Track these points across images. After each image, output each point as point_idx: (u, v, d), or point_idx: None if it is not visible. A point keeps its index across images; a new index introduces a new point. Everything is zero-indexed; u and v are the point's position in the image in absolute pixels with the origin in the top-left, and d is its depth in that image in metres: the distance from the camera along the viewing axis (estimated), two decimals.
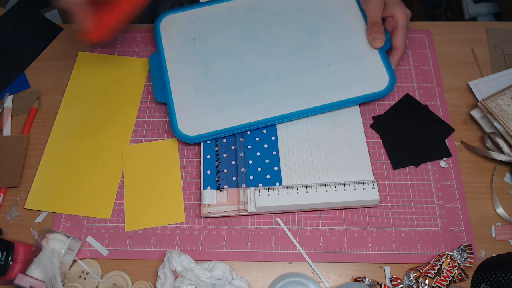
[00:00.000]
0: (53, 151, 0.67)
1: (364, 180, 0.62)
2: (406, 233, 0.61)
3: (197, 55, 0.69)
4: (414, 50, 0.75)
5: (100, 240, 0.62)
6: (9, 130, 0.70)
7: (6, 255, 0.55)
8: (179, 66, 0.68)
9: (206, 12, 0.73)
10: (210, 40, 0.70)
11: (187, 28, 0.72)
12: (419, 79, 0.72)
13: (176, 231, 0.62)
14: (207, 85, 0.67)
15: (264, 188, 0.61)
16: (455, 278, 0.57)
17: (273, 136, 0.65)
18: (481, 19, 1.25)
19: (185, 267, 0.56)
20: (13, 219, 0.63)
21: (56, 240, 0.57)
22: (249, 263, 0.60)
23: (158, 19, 0.72)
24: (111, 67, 0.74)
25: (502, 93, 0.66)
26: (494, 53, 0.75)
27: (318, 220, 0.62)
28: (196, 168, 0.66)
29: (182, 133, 0.64)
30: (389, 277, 0.59)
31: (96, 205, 0.64)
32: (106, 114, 0.70)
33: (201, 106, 0.65)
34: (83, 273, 0.59)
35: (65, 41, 0.77)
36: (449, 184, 0.65)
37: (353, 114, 0.67)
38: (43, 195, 0.64)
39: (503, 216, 0.63)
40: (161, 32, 0.71)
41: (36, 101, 0.72)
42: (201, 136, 0.64)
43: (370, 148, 0.67)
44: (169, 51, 0.70)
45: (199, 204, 0.63)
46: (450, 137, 0.68)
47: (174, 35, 0.71)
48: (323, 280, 0.59)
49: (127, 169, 0.66)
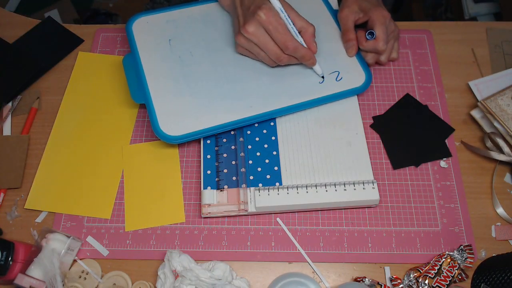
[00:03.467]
0: (53, 151, 0.67)
1: (364, 180, 0.62)
2: (406, 233, 0.62)
3: (174, 55, 0.69)
4: (414, 50, 0.75)
5: (100, 240, 0.62)
6: (9, 130, 0.70)
7: (6, 255, 0.55)
8: (156, 67, 0.68)
9: (180, 15, 0.72)
10: (187, 41, 0.70)
11: (161, 29, 0.71)
12: (419, 79, 0.72)
13: (176, 231, 0.62)
14: (187, 85, 0.66)
15: (264, 188, 0.61)
16: (455, 278, 0.57)
17: (273, 136, 0.65)
18: (481, 19, 1.25)
19: (185, 267, 0.56)
20: (13, 219, 0.63)
21: (56, 240, 0.57)
22: (249, 263, 0.60)
23: (130, 21, 0.72)
24: (111, 67, 0.74)
25: (502, 93, 0.66)
26: (494, 53, 0.75)
27: (318, 220, 0.62)
28: (196, 168, 0.66)
29: (164, 134, 0.62)
30: (389, 277, 0.59)
31: (96, 205, 0.64)
32: (106, 114, 0.70)
33: (182, 105, 0.65)
34: (83, 273, 0.59)
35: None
36: (449, 184, 0.65)
37: (353, 114, 0.67)
38: (43, 195, 0.64)
39: (503, 216, 0.63)
40: (134, 34, 0.70)
41: (36, 101, 0.72)
42: (184, 136, 0.62)
43: (370, 148, 0.67)
44: (144, 52, 0.69)
45: (199, 204, 0.63)
46: (450, 137, 0.68)
47: (148, 37, 0.70)
48: (323, 280, 0.59)
49: (127, 169, 0.66)
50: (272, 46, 0.63)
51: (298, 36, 0.64)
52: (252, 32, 0.62)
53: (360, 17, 0.69)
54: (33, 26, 0.79)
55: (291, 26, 0.63)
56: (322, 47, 0.70)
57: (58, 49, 0.77)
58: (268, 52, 0.64)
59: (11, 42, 0.77)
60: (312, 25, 0.65)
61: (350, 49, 0.69)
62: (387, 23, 0.67)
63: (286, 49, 0.63)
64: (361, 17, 0.69)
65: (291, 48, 0.62)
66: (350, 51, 0.69)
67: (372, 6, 0.68)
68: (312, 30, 0.65)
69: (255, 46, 0.64)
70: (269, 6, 0.61)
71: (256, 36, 0.63)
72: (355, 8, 0.69)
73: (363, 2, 0.69)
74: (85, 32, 0.79)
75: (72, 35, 0.78)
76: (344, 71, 0.68)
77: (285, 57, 0.64)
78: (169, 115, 0.64)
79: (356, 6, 0.69)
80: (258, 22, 0.62)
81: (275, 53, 0.64)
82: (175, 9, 0.73)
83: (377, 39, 0.67)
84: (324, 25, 0.72)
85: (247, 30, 0.62)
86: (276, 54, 0.64)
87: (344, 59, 0.70)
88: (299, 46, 0.63)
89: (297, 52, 0.63)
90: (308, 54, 0.65)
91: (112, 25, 0.80)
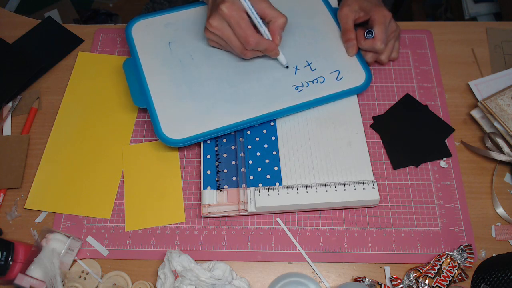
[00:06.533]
0: (53, 151, 0.67)
1: (364, 180, 0.62)
2: (406, 233, 0.61)
3: (175, 59, 0.69)
4: (414, 50, 0.75)
5: (100, 240, 0.62)
6: (9, 130, 0.70)
7: (6, 255, 0.55)
8: (157, 71, 0.68)
9: (180, 17, 0.72)
10: (187, 44, 0.70)
11: (161, 32, 0.71)
12: (419, 79, 0.72)
13: (176, 231, 0.62)
14: (188, 88, 0.66)
15: (264, 188, 0.61)
16: (455, 278, 0.57)
17: (273, 136, 0.65)
18: (481, 19, 1.25)
19: (185, 267, 0.56)
20: (13, 219, 0.63)
21: (56, 240, 0.57)
22: (249, 263, 0.60)
23: (129, 25, 0.71)
24: (111, 67, 0.74)
25: (502, 93, 0.66)
26: (494, 53, 0.75)
27: (318, 220, 0.62)
28: (196, 168, 0.66)
29: (167, 138, 0.63)
30: (389, 277, 0.59)
31: (96, 205, 0.64)
32: (106, 114, 0.70)
33: (184, 109, 0.65)
34: (83, 273, 0.59)
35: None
36: (449, 184, 0.65)
37: (353, 114, 0.67)
38: (43, 195, 0.64)
39: (503, 216, 0.63)
40: (134, 38, 0.70)
41: (36, 101, 0.72)
42: (187, 139, 0.63)
43: (370, 148, 0.67)
44: (145, 56, 0.69)
45: (199, 204, 0.63)
46: (450, 137, 0.68)
47: (148, 40, 0.70)
48: (323, 280, 0.59)
49: (127, 169, 0.66)
50: (235, 41, 0.63)
51: (262, 26, 0.64)
52: (216, 26, 0.62)
53: (360, 16, 0.69)
54: (33, 26, 0.79)
55: (255, 16, 0.63)
56: (322, 46, 0.70)
57: (58, 49, 0.77)
58: (232, 46, 0.64)
59: (11, 42, 0.77)
60: (284, 16, 0.64)
61: (350, 49, 0.69)
62: (388, 23, 0.67)
63: (247, 45, 0.63)
64: (361, 16, 0.69)
65: (252, 44, 0.62)
66: (350, 51, 0.69)
67: (373, 5, 0.68)
68: (281, 22, 0.64)
69: (221, 40, 0.64)
70: (232, 0, 0.61)
71: (220, 30, 0.63)
72: (355, 7, 0.69)
73: (364, 1, 0.69)
74: (85, 32, 0.79)
75: (72, 35, 0.78)
76: (344, 71, 0.68)
77: (248, 52, 0.64)
78: (171, 119, 0.64)
79: (357, 5, 0.69)
80: (221, 16, 0.61)
81: (238, 47, 0.64)
82: (174, 11, 0.73)
83: (375, 39, 0.67)
84: (323, 24, 0.72)
85: (211, 24, 0.63)
86: (239, 49, 0.64)
87: (344, 59, 0.70)
88: (261, 40, 0.63)
89: (259, 46, 0.63)
90: (271, 46, 0.64)
91: (112, 25, 0.80)
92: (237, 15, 0.61)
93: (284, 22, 0.65)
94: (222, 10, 0.61)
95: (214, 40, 0.67)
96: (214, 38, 0.66)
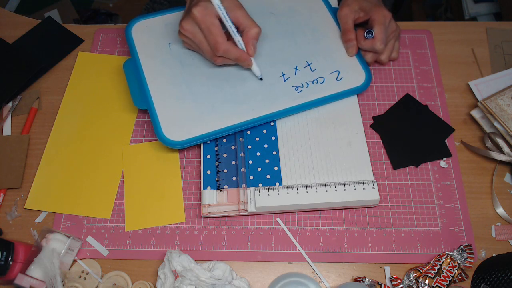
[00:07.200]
0: (53, 151, 0.67)
1: (364, 180, 0.62)
2: (406, 233, 0.61)
3: (175, 59, 0.69)
4: (414, 50, 0.75)
5: (100, 240, 0.62)
6: (9, 130, 0.70)
7: (6, 255, 0.55)
8: (157, 72, 0.68)
9: (179, 17, 0.71)
10: None
11: (161, 33, 0.71)
12: (419, 79, 0.72)
13: (176, 231, 0.62)
14: (189, 89, 0.66)
15: (264, 188, 0.61)
16: (455, 278, 0.57)
17: (273, 136, 0.65)
18: (481, 19, 1.25)
19: (185, 267, 0.56)
20: (13, 219, 0.63)
21: (56, 240, 0.57)
22: (249, 263, 0.60)
23: (129, 25, 0.71)
24: (111, 67, 0.74)
25: (502, 93, 0.66)
26: (494, 53, 0.75)
27: (318, 220, 0.62)
28: (196, 168, 0.66)
29: (168, 139, 0.63)
30: (389, 277, 0.59)
31: (96, 205, 0.64)
32: (106, 114, 0.70)
33: (185, 110, 0.65)
34: (83, 273, 0.59)
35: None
36: (449, 184, 0.65)
37: (353, 114, 0.67)
38: (43, 195, 0.64)
39: (503, 216, 0.63)
40: (134, 38, 0.70)
41: (36, 101, 0.72)
42: (189, 141, 0.63)
43: (370, 148, 0.67)
44: (145, 57, 0.69)
45: (199, 204, 0.63)
46: (450, 137, 0.68)
47: (148, 41, 0.70)
48: (323, 280, 0.59)
49: (127, 169, 0.66)
50: (206, 46, 0.62)
51: (236, 35, 0.63)
52: (187, 29, 0.62)
53: (360, 16, 0.69)
54: (33, 26, 0.79)
55: (229, 25, 0.62)
56: (321, 46, 0.70)
57: (58, 49, 0.77)
58: (202, 50, 0.63)
59: (11, 42, 0.77)
60: (258, 27, 0.63)
61: (350, 49, 0.69)
62: (388, 23, 0.67)
63: (216, 51, 0.62)
64: (361, 16, 0.69)
65: (220, 51, 0.61)
66: (350, 51, 0.69)
67: (373, 5, 0.68)
68: (255, 32, 0.63)
69: (193, 43, 0.64)
70: (206, 4, 0.60)
71: (191, 33, 0.62)
72: (355, 7, 0.69)
73: (364, 2, 0.69)
74: (85, 32, 0.79)
75: (72, 35, 0.78)
76: (344, 71, 0.68)
77: (219, 58, 0.63)
78: (172, 120, 0.64)
79: (357, 5, 0.69)
80: (192, 19, 0.61)
81: (208, 52, 0.63)
82: (174, 11, 0.73)
83: (375, 39, 0.67)
84: (323, 24, 0.72)
85: (183, 26, 0.62)
86: (210, 54, 0.63)
87: (344, 59, 0.70)
88: (231, 49, 0.62)
89: (229, 54, 0.62)
90: (243, 56, 0.63)
91: (112, 25, 0.80)
92: (208, 20, 0.60)
93: (257, 32, 0.63)
94: (193, 13, 0.60)
95: (187, 43, 0.66)
96: (187, 40, 0.65)
